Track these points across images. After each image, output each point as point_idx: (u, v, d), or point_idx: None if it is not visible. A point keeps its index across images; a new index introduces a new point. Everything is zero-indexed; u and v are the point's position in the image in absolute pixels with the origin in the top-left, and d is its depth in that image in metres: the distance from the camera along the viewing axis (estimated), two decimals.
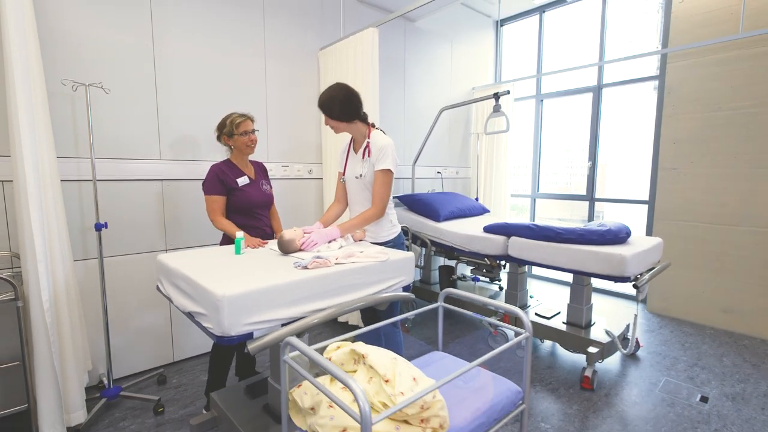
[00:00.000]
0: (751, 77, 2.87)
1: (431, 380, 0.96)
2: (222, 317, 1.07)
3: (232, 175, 1.95)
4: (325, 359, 0.86)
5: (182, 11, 2.34)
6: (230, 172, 1.95)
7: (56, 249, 1.70)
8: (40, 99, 1.67)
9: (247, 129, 1.94)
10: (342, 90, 1.71)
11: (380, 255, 1.48)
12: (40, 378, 1.57)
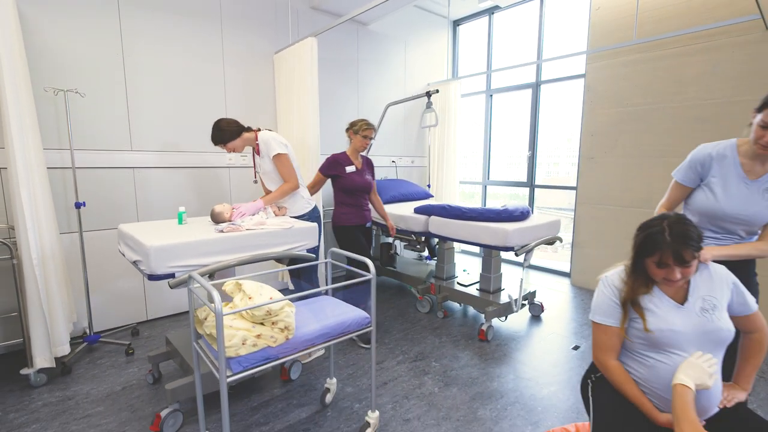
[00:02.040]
0: (650, 78, 3.28)
1: (284, 299, 1.42)
2: (150, 261, 1.53)
3: (343, 163, 2.58)
4: (206, 282, 1.31)
5: (148, 24, 2.77)
6: (343, 161, 2.58)
7: (43, 222, 2.16)
8: (27, 101, 2.12)
9: (368, 135, 2.56)
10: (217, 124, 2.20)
11: (285, 224, 1.94)
12: (32, 318, 2.05)
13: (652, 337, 1.16)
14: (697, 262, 1.13)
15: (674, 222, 1.11)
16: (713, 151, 1.45)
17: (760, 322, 1.23)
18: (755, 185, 1.38)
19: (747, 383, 1.26)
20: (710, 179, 1.44)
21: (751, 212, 1.39)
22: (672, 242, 1.08)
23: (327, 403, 1.96)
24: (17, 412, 1.90)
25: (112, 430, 1.78)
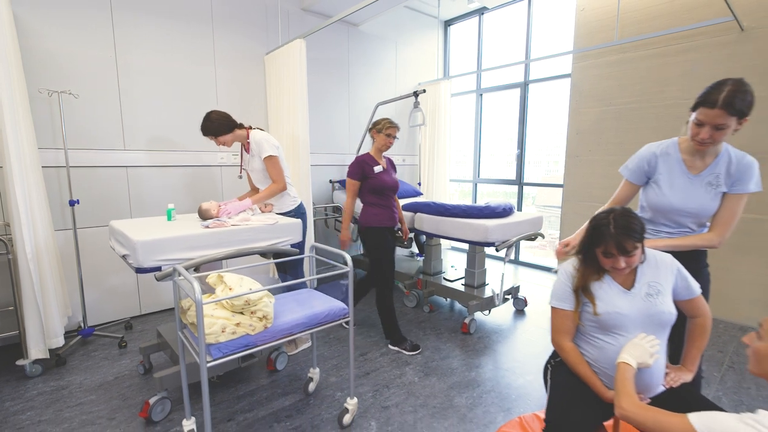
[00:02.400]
0: (633, 77, 3.35)
1: (263, 289, 1.50)
2: (137, 255, 1.61)
3: (371, 163, 2.51)
4: (188, 274, 1.39)
5: (140, 27, 2.84)
6: (369, 161, 2.52)
7: (37, 219, 2.24)
8: (22, 102, 2.20)
9: (392, 134, 2.51)
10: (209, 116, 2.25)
11: (269, 220, 2.02)
12: (27, 311, 2.13)
13: (601, 320, 1.25)
14: (641, 252, 1.21)
15: (619, 215, 1.19)
16: (657, 150, 1.52)
17: (704, 307, 1.31)
18: (698, 179, 1.46)
19: (693, 365, 1.34)
20: (657, 176, 1.52)
21: (696, 204, 1.46)
22: (616, 234, 1.16)
23: (310, 392, 2.05)
24: (13, 400, 1.98)
25: (103, 416, 1.86)
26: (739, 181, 1.43)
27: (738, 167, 1.42)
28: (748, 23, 2.78)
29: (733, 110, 1.26)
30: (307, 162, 3.10)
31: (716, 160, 1.44)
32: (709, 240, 1.46)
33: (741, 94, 1.26)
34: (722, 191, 1.45)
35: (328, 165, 4.10)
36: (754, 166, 1.43)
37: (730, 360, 2.42)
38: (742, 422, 0.82)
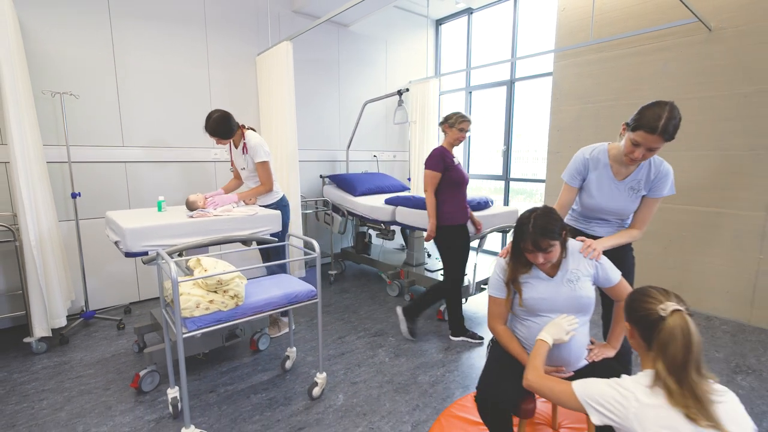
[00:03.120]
0: (609, 76, 3.46)
1: (238, 273, 1.68)
2: (126, 241, 1.80)
3: (450, 156, 2.47)
4: (168, 257, 1.58)
5: (137, 31, 3.03)
6: (448, 154, 2.48)
7: (41, 210, 2.44)
8: (27, 103, 2.40)
9: (464, 128, 2.46)
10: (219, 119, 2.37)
11: (250, 211, 2.20)
12: (31, 294, 2.34)
13: (527, 305, 1.41)
14: (559, 248, 1.35)
15: (539, 215, 1.34)
16: (589, 156, 1.67)
17: (626, 291, 1.45)
18: (622, 185, 1.63)
19: (616, 342, 1.49)
20: (589, 180, 1.68)
21: (619, 206, 1.65)
22: (533, 233, 1.31)
23: (287, 369, 2.23)
24: (20, 373, 2.20)
25: (99, 387, 2.07)
26: (657, 187, 1.60)
27: (657, 175, 1.59)
28: (716, 23, 2.88)
29: (668, 136, 1.40)
30: (295, 158, 3.27)
31: (639, 167, 1.61)
32: (635, 236, 1.66)
33: (674, 120, 1.39)
34: (642, 194, 1.62)
35: (319, 161, 4.27)
36: (670, 174, 1.60)
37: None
38: (608, 385, 0.98)
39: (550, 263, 1.37)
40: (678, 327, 0.92)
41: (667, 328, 0.93)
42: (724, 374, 2.22)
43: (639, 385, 0.94)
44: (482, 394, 1.35)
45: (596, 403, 0.98)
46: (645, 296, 1.01)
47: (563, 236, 1.35)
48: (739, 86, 2.82)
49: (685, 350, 0.89)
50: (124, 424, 1.79)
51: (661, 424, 0.87)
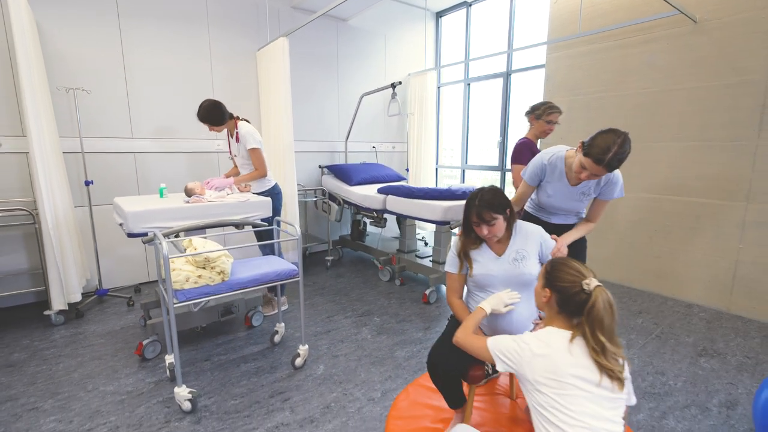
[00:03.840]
0: (598, 68, 3.51)
1: (225, 252, 1.87)
2: (128, 223, 2.01)
3: (534, 150, 2.39)
4: (162, 238, 1.77)
5: (143, 29, 3.23)
6: (533, 147, 2.41)
7: (57, 196, 2.68)
8: (44, 98, 2.63)
9: (552, 120, 2.34)
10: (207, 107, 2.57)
11: (242, 197, 2.39)
12: (50, 271, 2.60)
13: (477, 280, 1.55)
14: (503, 223, 1.49)
15: (486, 191, 1.48)
16: (547, 162, 1.80)
17: None
18: (574, 189, 1.80)
19: None
20: (545, 182, 1.84)
21: (571, 206, 1.86)
22: (478, 206, 1.45)
23: (276, 342, 2.43)
24: (41, 341, 2.46)
25: (108, 354, 2.31)
26: (606, 192, 1.77)
27: (607, 182, 1.76)
28: (701, 15, 2.91)
29: (611, 169, 1.53)
30: (291, 149, 3.44)
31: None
32: (591, 228, 1.86)
33: (621, 154, 1.50)
34: (592, 197, 1.79)
35: (318, 152, 4.44)
36: (619, 181, 1.75)
37: (660, 331, 2.65)
38: (512, 340, 1.14)
39: (496, 237, 1.50)
40: (606, 301, 1.06)
41: (597, 302, 1.06)
42: (689, 357, 2.32)
43: (535, 340, 1.10)
44: (432, 359, 1.51)
45: (501, 354, 1.14)
46: (568, 268, 1.14)
47: (508, 213, 1.49)
48: (723, 77, 2.85)
49: (612, 319, 1.04)
50: (128, 384, 2.02)
51: (546, 368, 1.03)
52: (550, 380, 1.04)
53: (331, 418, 1.78)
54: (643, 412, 1.84)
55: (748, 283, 2.86)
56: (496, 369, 1.17)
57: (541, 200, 1.90)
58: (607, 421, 1.00)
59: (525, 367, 1.08)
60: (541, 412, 1.04)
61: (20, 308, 2.94)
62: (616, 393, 1.03)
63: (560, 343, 1.07)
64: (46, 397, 1.92)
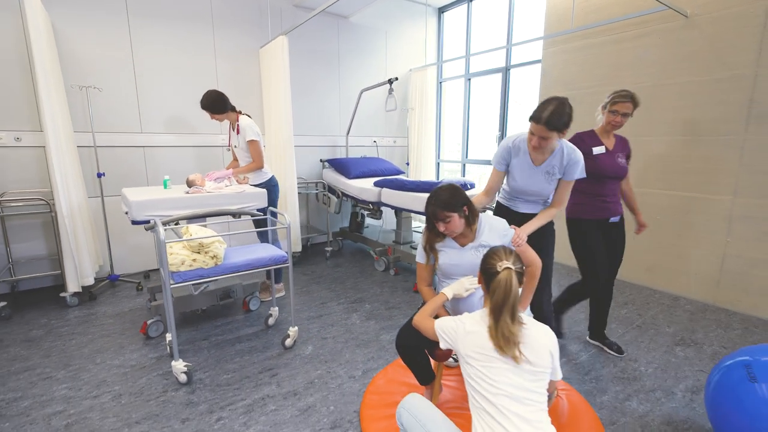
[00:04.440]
0: (592, 63, 3.54)
1: (219, 238, 2.03)
2: (132, 211, 2.19)
3: (589, 143, 2.11)
4: (161, 225, 1.94)
5: (151, 29, 3.41)
6: (589, 140, 2.12)
7: (72, 188, 2.89)
8: (59, 96, 2.83)
9: (618, 110, 2.03)
10: (209, 95, 2.73)
11: (238, 189, 2.55)
12: (65, 256, 2.81)
13: (443, 269, 1.67)
14: (459, 219, 1.57)
15: (442, 190, 1.57)
16: (511, 145, 1.89)
17: (531, 257, 1.69)
18: (539, 169, 1.85)
19: (525, 302, 1.73)
20: (512, 165, 1.91)
21: (537, 188, 1.89)
22: (432, 205, 1.56)
23: (270, 325, 2.60)
24: (57, 320, 2.68)
25: (116, 332, 2.51)
26: (569, 171, 1.83)
27: (568, 162, 1.80)
28: (692, 10, 2.92)
29: (551, 127, 1.63)
30: (291, 144, 3.59)
31: (552, 155, 1.82)
32: (555, 214, 1.90)
33: (558, 114, 1.61)
34: (557, 178, 1.85)
35: (319, 146, 4.58)
36: (580, 161, 1.82)
37: (642, 321, 2.71)
38: (453, 320, 1.26)
39: (455, 233, 1.61)
40: (504, 279, 1.18)
41: (497, 279, 1.18)
42: (665, 345, 2.39)
43: (470, 318, 1.22)
44: (398, 340, 1.64)
45: (443, 332, 1.26)
46: (494, 254, 1.26)
47: (464, 210, 1.58)
48: (713, 72, 2.87)
49: (504, 297, 1.15)
50: (132, 359, 2.21)
51: (475, 343, 1.16)
52: (478, 354, 1.16)
53: (313, 392, 1.92)
54: (608, 394, 1.94)
55: (734, 277, 2.89)
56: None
57: (509, 184, 1.96)
58: (527, 391, 1.12)
59: (459, 343, 1.20)
60: (471, 383, 1.16)
61: (40, 290, 3.18)
62: (538, 367, 1.14)
63: (486, 321, 1.19)
64: (59, 368, 2.12)
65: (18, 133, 2.99)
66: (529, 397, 1.12)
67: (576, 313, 2.77)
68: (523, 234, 1.70)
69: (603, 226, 2.21)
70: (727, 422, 1.45)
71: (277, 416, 1.76)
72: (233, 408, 1.81)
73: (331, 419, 1.74)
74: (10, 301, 2.88)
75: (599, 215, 2.18)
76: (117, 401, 1.85)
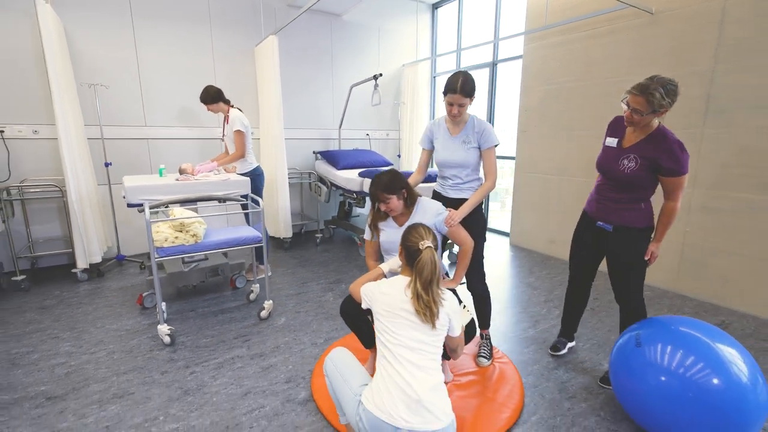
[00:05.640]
0: (568, 58, 3.66)
1: (199, 219, 2.31)
2: (127, 195, 2.49)
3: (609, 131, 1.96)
4: (148, 207, 2.23)
5: (154, 30, 3.71)
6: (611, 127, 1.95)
7: (81, 176, 3.23)
8: (70, 93, 3.17)
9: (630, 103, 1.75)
10: (206, 89, 3.06)
11: (223, 177, 2.83)
12: (75, 236, 3.17)
13: (384, 246, 1.90)
14: (398, 201, 1.80)
15: (383, 175, 1.80)
16: (431, 124, 2.12)
17: (461, 238, 1.90)
18: (456, 139, 2.03)
19: (458, 278, 1.95)
20: (435, 140, 2.10)
21: (458, 157, 2.02)
22: (374, 186, 1.78)
23: (251, 300, 2.89)
24: (68, 292, 3.04)
25: (117, 303, 2.85)
26: (484, 140, 1.99)
27: (479, 130, 1.99)
28: (657, 7, 3.02)
29: (465, 93, 1.87)
30: (281, 138, 3.86)
31: (465, 126, 2.02)
32: (489, 188, 2.02)
33: (468, 82, 1.88)
34: (475, 147, 2.00)
35: (314, 138, 4.84)
36: (488, 128, 2.00)
37: (597, 305, 2.88)
38: (374, 284, 1.49)
39: (393, 212, 1.83)
40: (429, 258, 1.40)
41: (422, 258, 1.40)
42: (610, 326, 2.56)
43: (387, 283, 1.45)
44: (343, 307, 1.88)
45: (364, 295, 1.50)
46: (414, 231, 1.48)
47: (403, 193, 1.81)
48: (676, 68, 2.97)
49: (432, 273, 1.37)
50: (128, 324, 2.53)
51: (386, 303, 1.40)
52: (386, 312, 1.39)
53: (277, 355, 2.20)
54: (540, 363, 2.15)
55: (691, 265, 3.01)
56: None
57: (436, 160, 2.13)
58: (423, 344, 1.35)
59: (374, 303, 1.44)
60: (379, 336, 1.40)
61: (55, 267, 3.56)
62: (437, 325, 1.36)
63: (401, 286, 1.42)
64: (65, 330, 2.46)
65: (36, 127, 3.36)
66: (423, 348, 1.35)
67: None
68: (457, 216, 1.91)
69: (592, 227, 2.01)
70: (620, 383, 1.65)
71: (242, 372, 2.04)
72: (206, 365, 2.10)
73: (288, 375, 2.01)
74: (29, 275, 3.26)
75: (587, 208, 2.06)
76: (110, 357, 2.17)
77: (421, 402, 1.27)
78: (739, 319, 2.66)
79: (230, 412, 1.75)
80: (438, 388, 1.33)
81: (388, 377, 1.32)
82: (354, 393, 1.37)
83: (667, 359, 1.53)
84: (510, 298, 3.05)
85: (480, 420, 1.70)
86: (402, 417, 1.25)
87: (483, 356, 2.13)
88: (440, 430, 1.28)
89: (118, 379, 1.97)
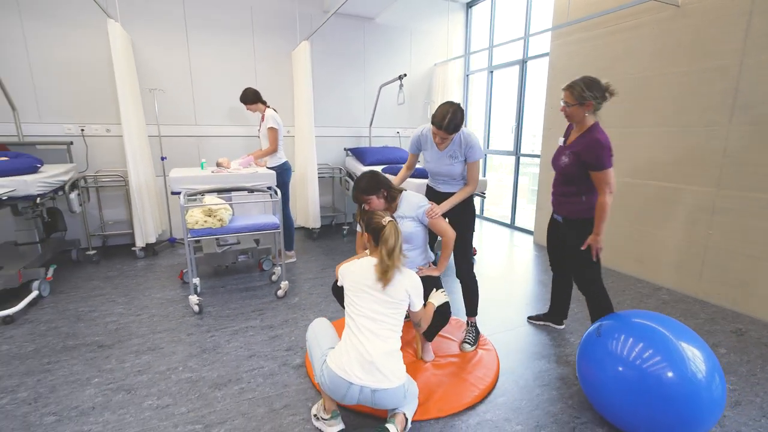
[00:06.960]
0: (593, 55, 3.59)
1: (225, 206, 2.67)
2: (171, 184, 2.92)
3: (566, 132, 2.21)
4: (184, 195, 2.62)
5: (204, 37, 4.20)
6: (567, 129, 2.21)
7: (141, 168, 3.77)
8: (134, 96, 3.72)
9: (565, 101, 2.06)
10: (245, 90, 3.42)
11: (252, 170, 3.19)
12: (135, 220, 3.72)
13: None
14: (379, 199, 1.97)
15: (361, 178, 1.98)
16: (421, 133, 2.21)
17: (442, 229, 2.04)
18: (443, 154, 2.15)
19: (441, 267, 2.10)
20: (423, 151, 2.23)
21: (445, 170, 2.18)
22: (354, 189, 1.98)
23: (273, 281, 3.23)
24: (127, 266, 3.60)
25: (164, 276, 3.33)
26: (469, 154, 2.11)
27: (466, 146, 2.09)
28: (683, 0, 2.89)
29: (448, 131, 1.97)
30: (312, 135, 4.19)
31: (453, 141, 2.11)
32: (469, 190, 2.18)
33: (453, 121, 1.94)
34: (462, 160, 2.13)
35: (345, 136, 5.13)
36: (476, 144, 2.10)
37: None
38: (349, 264, 1.69)
39: (379, 209, 2.02)
40: (392, 229, 1.59)
41: (386, 230, 1.60)
42: None
43: (357, 263, 1.65)
44: (333, 286, 2.11)
45: (340, 274, 1.71)
46: (375, 216, 1.67)
47: (383, 192, 1.98)
48: (700, 62, 2.84)
49: (396, 240, 1.57)
50: (168, 295, 2.98)
51: (353, 279, 1.61)
52: (353, 287, 1.60)
53: (285, 327, 2.49)
54: (524, 353, 2.23)
55: (714, 269, 2.86)
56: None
57: (427, 168, 2.28)
58: (382, 315, 1.54)
59: (344, 279, 1.65)
60: (346, 309, 1.61)
61: (121, 246, 4.18)
62: (395, 299, 1.55)
63: (368, 265, 1.62)
64: (120, 296, 2.96)
65: (108, 126, 3.97)
66: (382, 320, 1.55)
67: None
68: (438, 209, 2.06)
69: (553, 220, 2.31)
70: (583, 371, 1.72)
71: (252, 339, 2.36)
72: (224, 330, 2.45)
73: (289, 344, 2.30)
74: (101, 251, 3.89)
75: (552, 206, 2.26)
76: (150, 319, 2.60)
77: (374, 363, 1.47)
78: (758, 328, 2.51)
79: (235, 369, 2.06)
80: (392, 354, 1.52)
81: (349, 342, 1.53)
82: (322, 353, 1.60)
83: (626, 350, 1.58)
84: (527, 294, 3.10)
85: (447, 394, 1.85)
86: (356, 374, 1.46)
87: (467, 342, 2.26)
88: (390, 389, 1.47)
89: (153, 336, 2.37)
